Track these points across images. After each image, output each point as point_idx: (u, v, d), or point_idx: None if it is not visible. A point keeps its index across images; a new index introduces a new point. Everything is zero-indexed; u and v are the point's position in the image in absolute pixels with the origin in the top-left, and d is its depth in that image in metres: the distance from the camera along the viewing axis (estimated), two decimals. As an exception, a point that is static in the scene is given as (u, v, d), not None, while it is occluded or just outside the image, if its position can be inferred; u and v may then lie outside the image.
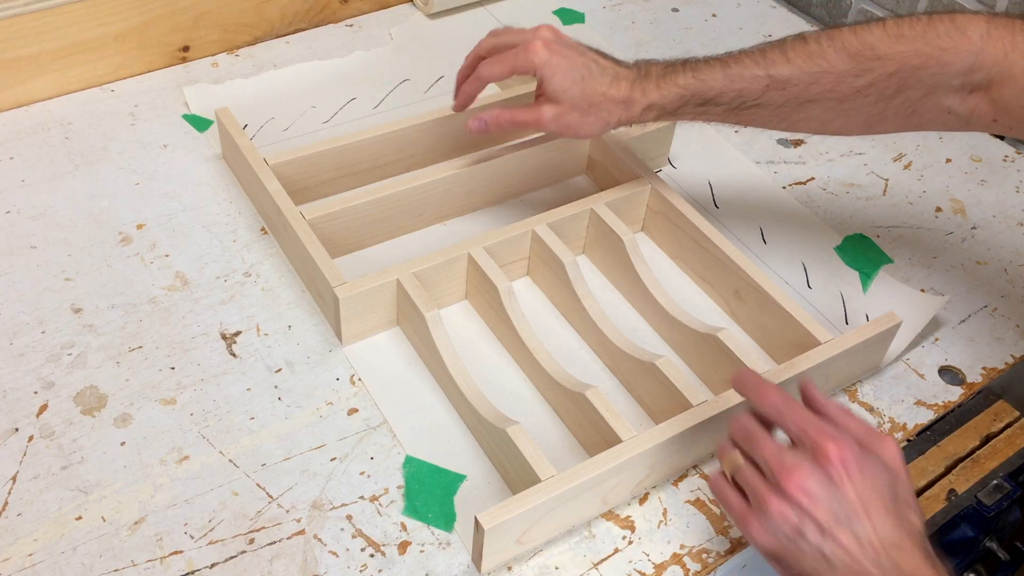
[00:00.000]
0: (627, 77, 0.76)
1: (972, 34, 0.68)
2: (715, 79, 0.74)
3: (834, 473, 0.55)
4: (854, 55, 0.70)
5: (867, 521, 0.54)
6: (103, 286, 0.78)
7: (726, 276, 0.80)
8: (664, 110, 0.76)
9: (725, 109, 0.75)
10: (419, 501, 0.66)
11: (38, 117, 0.94)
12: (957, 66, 0.68)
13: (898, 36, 0.69)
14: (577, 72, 0.76)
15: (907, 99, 0.71)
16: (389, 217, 0.83)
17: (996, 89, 0.68)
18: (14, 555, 0.61)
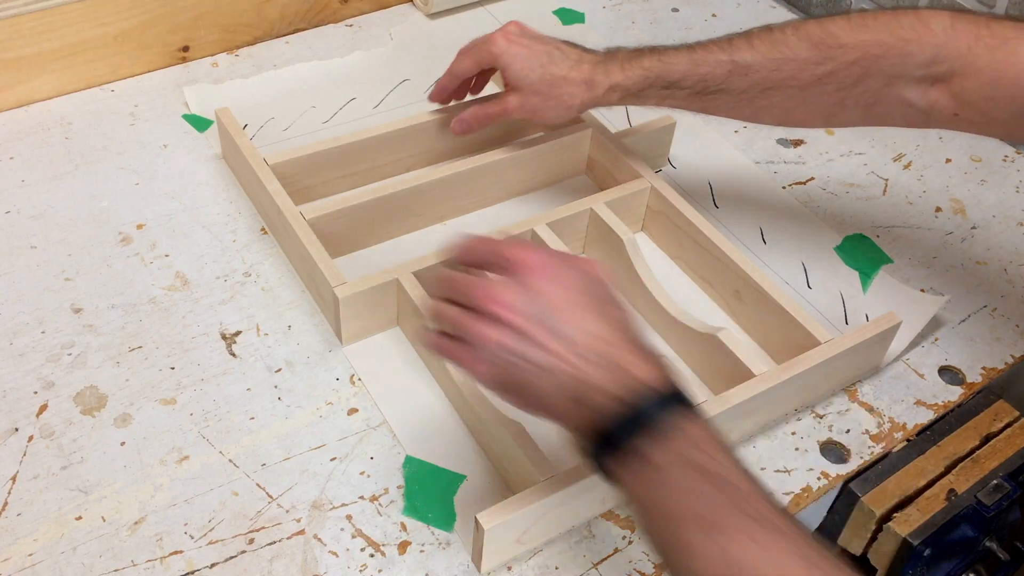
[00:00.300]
0: (590, 60, 0.79)
1: (935, 27, 0.68)
2: (679, 62, 0.75)
3: (531, 279, 0.54)
4: (817, 43, 0.71)
5: (569, 319, 0.53)
6: (103, 286, 0.78)
7: (726, 276, 0.80)
8: (628, 92, 0.78)
9: (689, 93, 0.76)
10: (419, 501, 0.66)
11: (38, 117, 0.94)
12: (919, 57, 0.69)
13: (861, 26, 0.70)
14: (536, 59, 0.79)
15: (868, 89, 0.71)
16: (389, 217, 0.83)
17: (958, 82, 0.68)
18: (14, 555, 0.61)
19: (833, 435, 0.73)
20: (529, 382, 0.53)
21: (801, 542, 0.46)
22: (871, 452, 0.72)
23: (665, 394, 0.51)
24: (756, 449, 0.72)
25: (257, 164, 0.81)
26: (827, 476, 0.70)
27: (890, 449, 0.74)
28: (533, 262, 0.54)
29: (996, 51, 0.67)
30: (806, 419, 0.74)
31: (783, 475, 0.70)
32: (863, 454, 0.72)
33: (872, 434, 0.74)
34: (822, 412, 0.75)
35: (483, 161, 0.85)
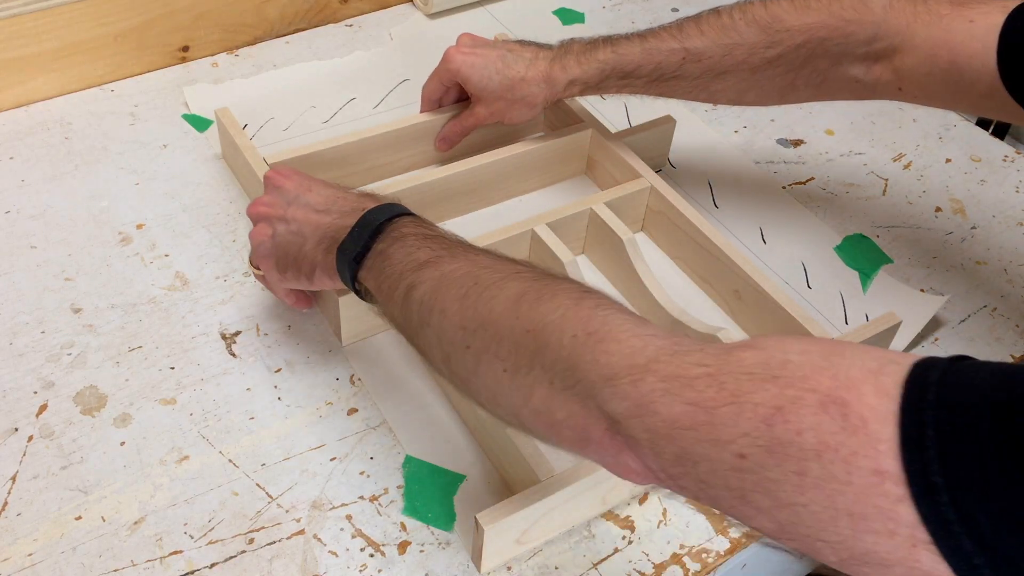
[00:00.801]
0: (545, 57, 0.81)
1: (875, 6, 0.72)
2: (633, 53, 0.78)
3: (275, 182, 0.69)
4: (764, 27, 0.74)
5: (309, 194, 0.66)
6: (103, 286, 0.78)
7: (726, 276, 0.80)
8: (587, 84, 0.81)
9: (646, 81, 0.79)
10: (419, 501, 0.66)
11: (38, 117, 0.94)
12: (861, 36, 0.72)
13: (805, 8, 0.73)
14: (492, 66, 0.82)
15: (815, 69, 0.74)
16: None
17: (899, 58, 0.72)
18: (14, 555, 0.61)
19: (833, 435, 0.73)
20: (290, 252, 0.66)
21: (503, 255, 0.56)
22: (871, 452, 0.72)
23: (382, 205, 0.62)
24: (756, 449, 0.72)
25: (257, 164, 0.81)
26: (827, 476, 0.70)
27: (890, 449, 0.74)
28: (273, 176, 0.69)
29: (932, 27, 0.69)
30: (806, 419, 0.74)
31: (783, 475, 0.70)
32: (863, 454, 0.72)
33: (872, 434, 0.73)
34: (822, 412, 0.75)
35: (483, 161, 0.85)
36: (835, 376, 0.40)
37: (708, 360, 0.44)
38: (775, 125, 1.02)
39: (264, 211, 0.68)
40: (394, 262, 0.58)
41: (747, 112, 1.03)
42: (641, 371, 0.44)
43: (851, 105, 1.04)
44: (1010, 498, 0.36)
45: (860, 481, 0.38)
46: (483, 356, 0.51)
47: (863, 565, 0.39)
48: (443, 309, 0.54)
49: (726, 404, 0.41)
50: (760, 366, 0.42)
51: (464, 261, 0.56)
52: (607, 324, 0.48)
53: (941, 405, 0.38)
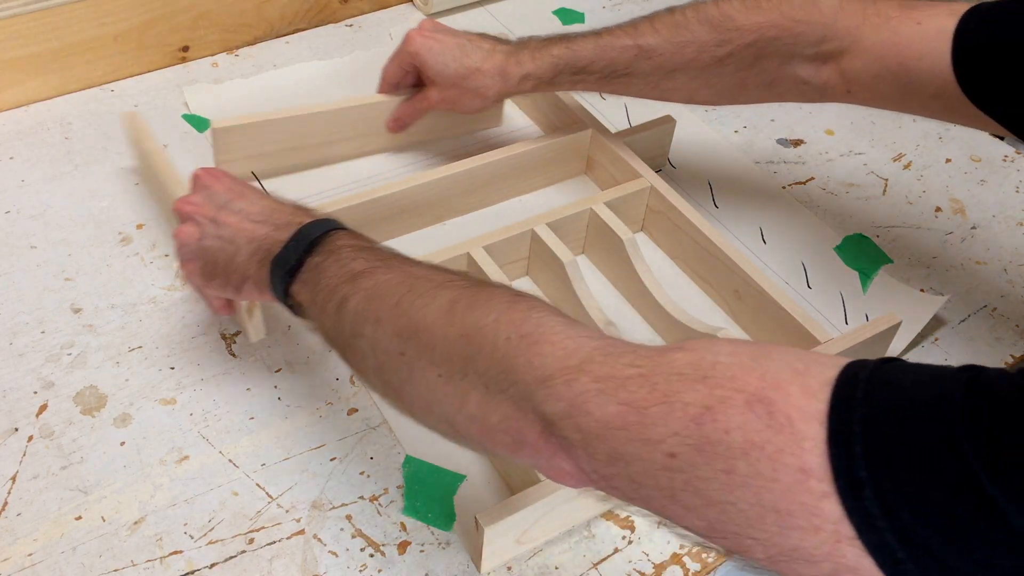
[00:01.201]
0: (502, 51, 0.82)
1: (824, 6, 0.72)
2: (586, 49, 0.79)
3: (204, 181, 0.67)
4: (715, 26, 0.74)
5: (242, 201, 0.64)
6: (103, 286, 0.78)
7: (726, 276, 0.80)
8: (541, 79, 0.81)
9: (598, 77, 0.80)
10: (419, 501, 0.66)
11: (38, 117, 0.94)
12: (810, 37, 0.72)
13: (756, 7, 0.74)
14: (449, 53, 0.83)
15: (765, 68, 0.75)
16: (388, 217, 0.83)
17: (847, 60, 0.72)
18: (14, 555, 0.61)
19: (833, 435, 0.73)
20: (219, 259, 0.63)
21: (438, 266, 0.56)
22: (871, 452, 0.72)
23: (316, 220, 0.61)
24: (756, 449, 0.72)
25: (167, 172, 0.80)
26: (827, 476, 0.70)
27: (890, 449, 0.74)
28: (203, 175, 0.67)
29: (881, 30, 0.70)
30: (806, 419, 0.74)
31: (783, 475, 0.70)
32: (863, 454, 0.72)
33: (872, 434, 0.74)
34: (822, 412, 0.75)
35: (483, 161, 0.85)
36: (762, 376, 0.41)
37: (640, 361, 0.44)
38: (775, 125, 1.02)
39: (191, 210, 0.65)
40: (328, 275, 0.57)
41: (747, 112, 1.03)
42: (575, 372, 0.45)
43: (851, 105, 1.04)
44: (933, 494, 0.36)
45: (786, 478, 0.39)
46: (417, 363, 0.51)
47: (791, 561, 0.40)
48: (377, 318, 0.53)
49: (657, 404, 0.42)
50: (690, 367, 0.43)
51: (399, 272, 0.56)
52: (541, 326, 0.48)
53: (869, 402, 0.39)
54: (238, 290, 0.64)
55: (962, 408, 0.37)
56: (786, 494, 0.39)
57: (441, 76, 0.83)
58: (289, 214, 0.63)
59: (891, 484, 0.37)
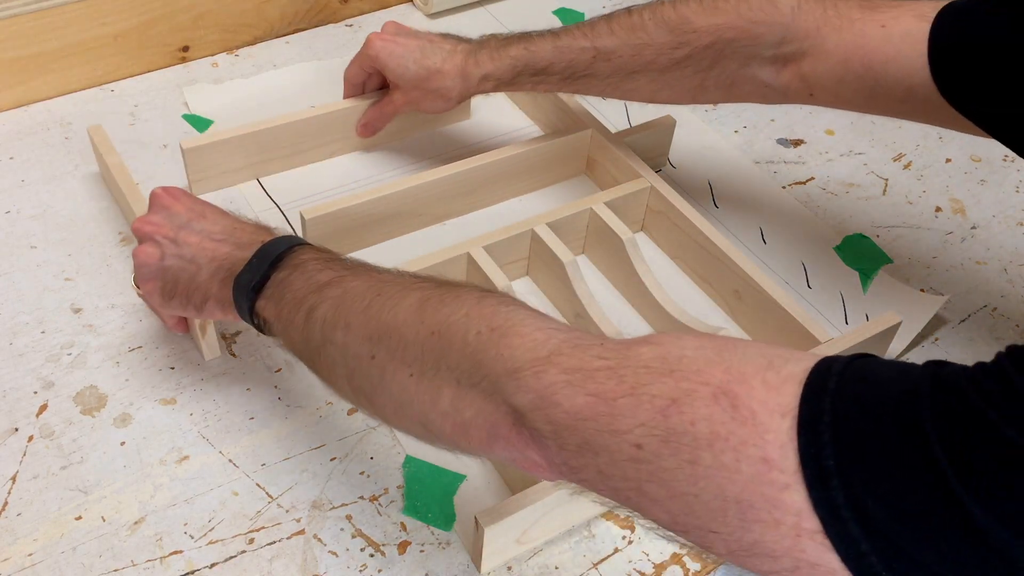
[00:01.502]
0: (463, 51, 0.82)
1: (783, 7, 0.71)
2: (545, 50, 0.78)
3: (163, 201, 0.66)
4: (672, 28, 0.74)
5: (202, 220, 0.64)
6: (103, 286, 0.78)
7: (726, 276, 0.80)
8: (501, 80, 0.81)
9: (559, 79, 0.79)
10: (419, 501, 0.66)
11: (38, 117, 0.94)
12: (768, 38, 0.72)
13: (713, 9, 0.73)
14: (410, 55, 0.83)
15: (724, 70, 0.75)
16: (388, 217, 0.83)
17: (808, 64, 0.71)
18: (14, 555, 0.61)
19: (833, 435, 0.73)
20: (180, 279, 0.63)
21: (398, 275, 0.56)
22: (871, 452, 0.72)
23: (281, 237, 0.61)
24: (756, 449, 0.72)
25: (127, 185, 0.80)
26: (827, 476, 0.70)
27: (890, 449, 0.74)
28: (160, 193, 0.66)
29: (843, 32, 0.69)
30: (806, 419, 0.74)
31: (783, 475, 0.70)
32: (863, 454, 0.72)
33: (872, 434, 0.74)
34: (822, 412, 0.75)
35: (483, 161, 0.85)
36: (727, 370, 0.42)
37: (608, 354, 0.45)
38: (775, 125, 1.02)
39: (151, 230, 0.65)
40: (295, 288, 0.57)
41: (747, 112, 1.03)
42: (543, 363, 0.45)
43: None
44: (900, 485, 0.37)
45: (748, 469, 0.39)
46: (388, 365, 0.52)
47: (752, 556, 0.40)
48: (347, 323, 0.54)
49: (625, 395, 0.43)
50: (657, 360, 0.43)
51: (366, 278, 0.56)
52: (510, 319, 0.48)
53: (840, 395, 0.39)
54: (199, 309, 0.64)
55: (930, 403, 0.38)
56: (748, 485, 0.39)
57: (403, 79, 0.84)
58: (251, 233, 0.63)
59: (859, 475, 0.37)
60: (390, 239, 0.85)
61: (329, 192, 0.88)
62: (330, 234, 0.79)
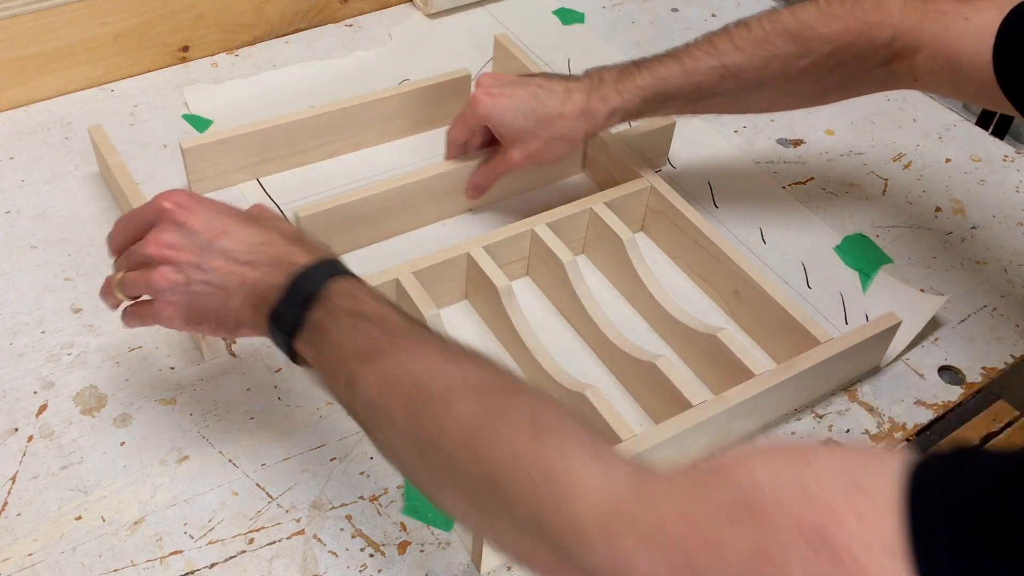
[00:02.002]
0: (581, 90, 0.78)
1: (892, 6, 0.73)
2: (673, 76, 0.77)
3: (177, 216, 0.59)
4: (795, 36, 0.75)
5: (227, 239, 0.58)
6: (103, 286, 0.78)
7: (726, 276, 0.80)
8: (628, 113, 0.79)
9: (684, 102, 0.78)
10: (419, 501, 0.66)
11: (38, 117, 0.94)
12: (882, 39, 0.73)
13: (831, 15, 0.74)
14: (525, 105, 0.79)
15: (844, 73, 0.76)
16: (383, 214, 0.83)
17: (911, 57, 0.74)
18: (14, 555, 0.61)
19: (833, 435, 0.73)
20: (209, 305, 0.58)
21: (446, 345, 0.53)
22: (871, 452, 0.72)
23: (314, 265, 0.56)
24: (756, 449, 0.72)
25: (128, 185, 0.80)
26: (827, 476, 0.70)
27: (890, 449, 0.74)
28: (169, 203, 0.59)
29: (936, 25, 0.71)
30: (806, 419, 0.74)
31: (783, 475, 0.70)
32: (863, 454, 0.72)
33: (872, 434, 0.74)
34: (822, 412, 0.75)
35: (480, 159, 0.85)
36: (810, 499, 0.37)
37: (677, 498, 0.41)
38: (775, 125, 1.02)
39: (171, 255, 0.58)
40: (332, 341, 0.54)
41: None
42: (608, 521, 0.42)
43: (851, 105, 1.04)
44: None
45: None
46: (439, 475, 0.50)
47: None
48: (391, 419, 0.51)
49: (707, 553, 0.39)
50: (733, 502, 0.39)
51: (404, 355, 0.52)
52: (565, 463, 0.45)
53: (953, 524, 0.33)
54: (233, 332, 0.60)
55: None
56: None
57: (521, 132, 0.79)
58: (279, 248, 0.58)
59: None
60: (387, 238, 0.85)
61: (329, 192, 0.88)
62: (324, 232, 0.79)
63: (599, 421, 0.67)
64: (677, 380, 0.69)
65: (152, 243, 0.59)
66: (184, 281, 0.58)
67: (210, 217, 0.59)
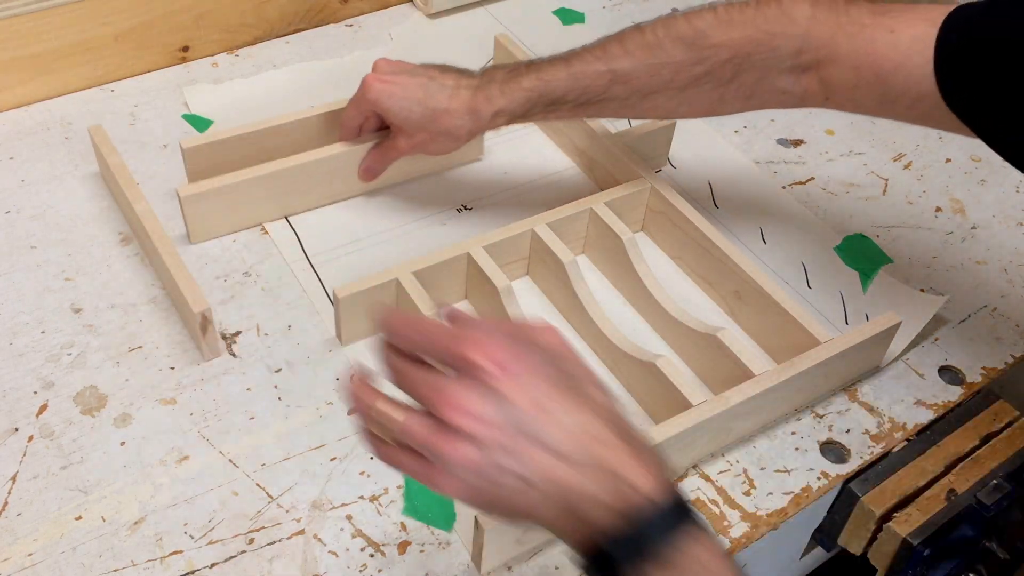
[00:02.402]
0: (468, 86, 0.78)
1: (798, 17, 0.70)
2: (559, 79, 0.75)
3: (493, 381, 0.46)
4: (690, 44, 0.72)
5: (549, 422, 0.46)
6: (103, 286, 0.78)
7: (726, 276, 0.80)
8: (513, 114, 0.77)
9: (572, 106, 0.77)
10: (419, 501, 0.66)
11: (38, 117, 0.94)
12: (785, 49, 0.70)
13: (729, 23, 0.72)
14: (412, 96, 0.78)
15: (743, 83, 0.73)
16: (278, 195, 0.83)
17: (824, 70, 0.70)
18: (14, 555, 0.61)
19: (833, 435, 0.73)
20: (514, 501, 0.47)
21: None
22: (871, 452, 0.72)
23: (666, 509, 0.45)
24: (756, 449, 0.72)
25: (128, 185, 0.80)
26: (827, 476, 0.70)
27: (890, 449, 0.74)
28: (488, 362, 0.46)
29: (855, 39, 0.68)
30: (806, 419, 0.74)
31: (783, 475, 0.70)
32: (863, 454, 0.72)
33: (872, 434, 0.74)
34: (822, 412, 0.75)
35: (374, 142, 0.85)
36: None
37: None
38: (775, 125, 1.02)
39: (481, 431, 0.45)
40: None
41: (747, 112, 1.02)
42: None
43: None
44: None
45: None
46: None
47: None
48: None
49: None
50: None
51: None
52: None
53: None
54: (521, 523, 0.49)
55: None
56: None
57: (408, 122, 0.79)
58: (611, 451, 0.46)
59: None
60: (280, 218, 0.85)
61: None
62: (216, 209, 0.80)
63: (599, 421, 0.66)
64: (677, 380, 0.69)
65: (456, 407, 0.46)
66: (490, 468, 0.46)
67: (530, 382, 0.47)
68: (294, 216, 0.86)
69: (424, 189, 0.90)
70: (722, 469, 0.70)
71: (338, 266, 0.82)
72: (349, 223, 0.86)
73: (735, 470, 0.70)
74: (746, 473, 0.70)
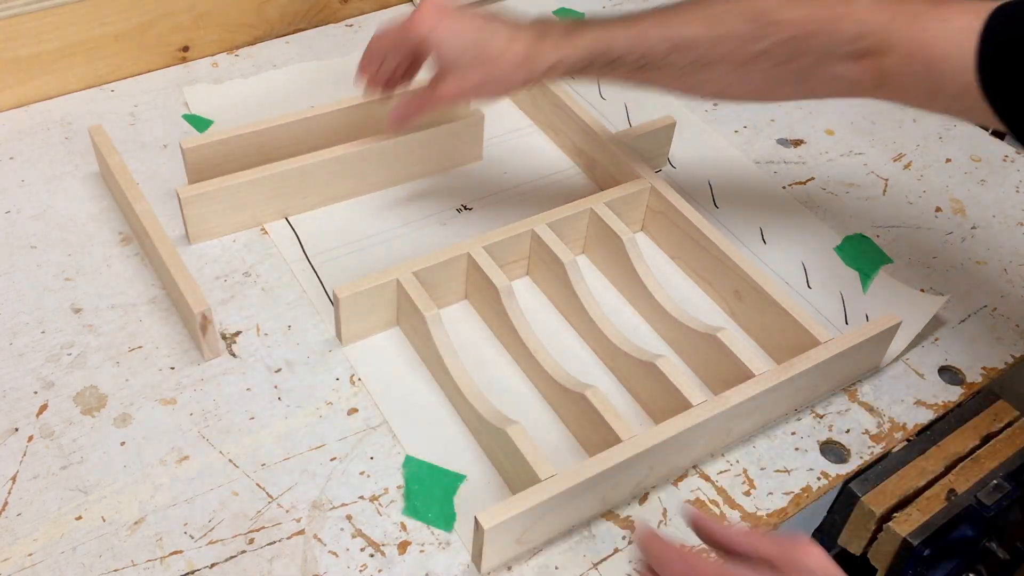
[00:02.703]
0: (525, 37, 0.74)
1: (859, 3, 0.69)
2: (620, 39, 0.73)
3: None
4: (752, 19, 0.71)
5: None
6: (103, 286, 0.78)
7: (726, 276, 0.80)
8: (571, 68, 0.74)
9: (630, 69, 0.74)
10: (419, 501, 0.66)
11: (38, 117, 0.94)
12: (846, 34, 0.69)
13: (792, 2, 0.70)
14: (468, 36, 0.73)
15: (800, 66, 0.71)
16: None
17: (881, 57, 0.69)
18: (14, 555, 0.61)
19: (833, 435, 0.73)
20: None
21: None
22: (871, 452, 0.72)
23: None
24: (756, 449, 0.72)
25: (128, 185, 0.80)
26: (827, 476, 0.70)
27: (890, 449, 0.74)
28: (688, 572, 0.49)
29: (910, 27, 0.67)
30: (806, 419, 0.74)
31: (783, 475, 0.70)
32: (863, 454, 0.72)
33: (872, 434, 0.74)
34: (822, 412, 0.75)
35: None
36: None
37: None
38: (775, 125, 1.02)
39: None
40: None
41: (747, 112, 1.03)
42: None
43: (851, 105, 1.04)
44: None
45: None
46: None
47: None
48: None
49: None
50: None
51: None
52: None
53: None
54: None
55: None
56: None
57: (461, 61, 0.73)
58: None
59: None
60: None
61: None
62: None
63: (599, 421, 0.67)
64: (677, 380, 0.69)
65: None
66: None
67: None
68: (294, 216, 0.86)
69: (424, 189, 0.90)
70: (722, 469, 0.70)
71: (338, 266, 0.82)
72: (349, 223, 0.86)
73: (735, 470, 0.70)
74: (746, 473, 0.70)
